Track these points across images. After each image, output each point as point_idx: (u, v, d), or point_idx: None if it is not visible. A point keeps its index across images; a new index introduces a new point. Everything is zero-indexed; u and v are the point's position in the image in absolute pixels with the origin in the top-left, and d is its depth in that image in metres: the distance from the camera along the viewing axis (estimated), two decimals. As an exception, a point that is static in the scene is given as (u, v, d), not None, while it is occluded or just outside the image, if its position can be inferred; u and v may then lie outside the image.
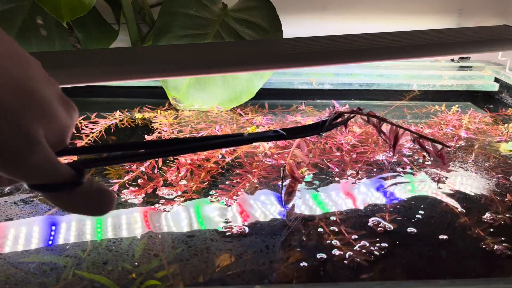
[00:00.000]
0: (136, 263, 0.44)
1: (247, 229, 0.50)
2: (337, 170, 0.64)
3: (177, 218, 0.52)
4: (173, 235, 0.49)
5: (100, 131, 0.76)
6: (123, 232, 0.49)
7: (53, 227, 0.50)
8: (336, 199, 0.57)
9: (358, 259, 0.45)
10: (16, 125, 0.20)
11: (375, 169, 0.65)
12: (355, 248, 0.47)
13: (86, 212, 0.24)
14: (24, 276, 0.42)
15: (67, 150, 0.25)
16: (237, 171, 0.62)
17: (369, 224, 0.51)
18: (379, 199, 0.57)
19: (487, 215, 0.53)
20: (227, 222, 0.51)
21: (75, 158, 0.41)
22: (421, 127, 0.80)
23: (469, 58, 1.13)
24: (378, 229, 0.50)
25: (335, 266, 0.44)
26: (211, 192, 0.58)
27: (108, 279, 0.42)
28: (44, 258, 0.45)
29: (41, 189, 0.22)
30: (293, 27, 1.07)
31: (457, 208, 0.55)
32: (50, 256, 0.45)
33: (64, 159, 0.45)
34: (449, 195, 0.58)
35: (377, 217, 0.53)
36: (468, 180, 0.62)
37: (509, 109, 0.92)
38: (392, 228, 0.51)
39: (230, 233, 0.49)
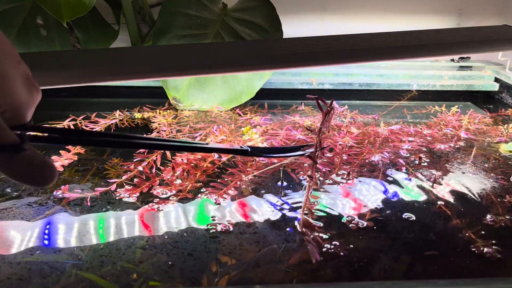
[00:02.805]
0: (135, 263, 0.44)
1: (231, 227, 0.50)
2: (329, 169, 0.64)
3: (168, 217, 0.52)
4: (165, 233, 0.49)
5: (100, 131, 0.76)
6: (121, 232, 0.50)
7: (53, 228, 0.50)
8: (337, 200, 0.57)
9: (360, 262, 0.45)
10: None
11: (372, 170, 0.65)
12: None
13: (26, 180, 0.26)
14: (24, 276, 0.42)
15: (27, 126, 0.27)
16: (230, 171, 0.63)
17: (365, 225, 0.51)
18: (376, 200, 0.57)
19: (487, 217, 0.53)
20: (213, 220, 0.52)
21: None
22: (420, 128, 0.80)
23: (469, 58, 1.13)
24: (375, 229, 0.50)
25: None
26: (202, 190, 0.58)
27: (107, 280, 0.42)
28: (44, 258, 0.45)
29: None
30: (293, 27, 1.07)
31: (455, 209, 0.55)
32: (50, 256, 0.45)
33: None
34: (447, 196, 0.58)
35: (374, 218, 0.53)
36: (467, 181, 0.62)
37: (509, 109, 0.92)
38: (388, 230, 0.51)
39: (214, 230, 0.50)
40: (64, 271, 0.43)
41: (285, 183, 0.60)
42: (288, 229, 0.50)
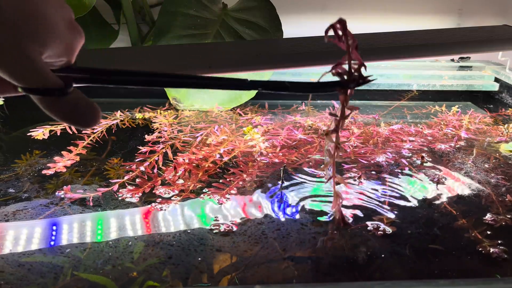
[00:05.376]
0: (135, 263, 0.44)
1: (234, 228, 0.50)
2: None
3: (171, 217, 0.52)
4: (166, 233, 0.49)
5: (102, 131, 0.76)
6: (121, 232, 0.50)
7: (54, 228, 0.50)
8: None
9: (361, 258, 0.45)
10: (12, 35, 0.24)
11: (377, 171, 0.65)
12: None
13: (70, 121, 0.28)
14: (24, 276, 0.42)
15: (72, 69, 0.29)
16: (232, 171, 0.63)
17: (368, 228, 0.51)
18: (379, 200, 0.57)
19: (487, 216, 0.53)
20: (215, 220, 0.52)
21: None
22: (421, 128, 0.80)
23: (469, 58, 1.13)
24: (378, 232, 0.50)
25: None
26: (204, 190, 0.58)
27: (108, 279, 0.42)
28: (44, 258, 0.45)
29: (31, 92, 0.26)
30: (293, 27, 1.07)
31: (455, 209, 0.55)
32: (50, 257, 0.45)
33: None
34: (448, 196, 0.58)
35: (375, 221, 0.53)
36: (468, 181, 0.62)
37: (509, 109, 0.92)
38: (391, 231, 0.51)
39: (217, 230, 0.50)
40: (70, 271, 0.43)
41: (285, 183, 0.60)
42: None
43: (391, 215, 0.53)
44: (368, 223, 0.51)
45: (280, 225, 0.51)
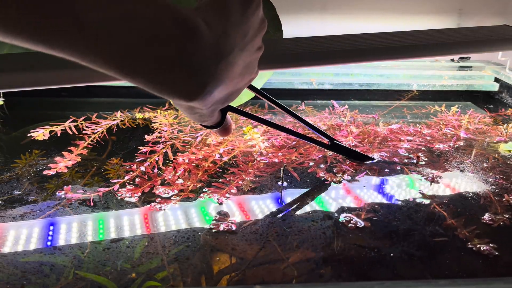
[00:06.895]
0: (135, 263, 0.45)
1: (233, 227, 0.51)
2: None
3: (171, 217, 0.52)
4: (167, 233, 0.49)
5: (102, 132, 0.76)
6: (121, 232, 0.50)
7: (53, 228, 0.50)
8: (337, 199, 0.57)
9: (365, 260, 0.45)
10: (221, 104, 0.34)
11: (370, 169, 0.65)
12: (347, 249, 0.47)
13: (223, 135, 0.44)
14: (24, 276, 0.43)
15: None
16: (232, 170, 0.63)
17: (362, 224, 0.51)
18: (377, 199, 0.57)
19: (485, 216, 0.54)
20: (215, 220, 0.52)
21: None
22: (420, 128, 0.80)
23: (469, 58, 1.13)
24: (378, 233, 0.51)
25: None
26: (204, 189, 0.58)
27: (108, 279, 0.42)
28: (44, 258, 0.45)
29: (208, 128, 0.41)
30: (293, 27, 1.07)
31: (452, 209, 0.55)
32: (50, 257, 0.45)
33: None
34: (446, 195, 0.58)
35: (373, 217, 0.53)
36: (466, 180, 0.62)
37: (509, 109, 0.92)
38: (391, 229, 0.51)
39: (216, 230, 0.50)
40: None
41: (285, 183, 0.60)
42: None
43: (381, 214, 0.53)
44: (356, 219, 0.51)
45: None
